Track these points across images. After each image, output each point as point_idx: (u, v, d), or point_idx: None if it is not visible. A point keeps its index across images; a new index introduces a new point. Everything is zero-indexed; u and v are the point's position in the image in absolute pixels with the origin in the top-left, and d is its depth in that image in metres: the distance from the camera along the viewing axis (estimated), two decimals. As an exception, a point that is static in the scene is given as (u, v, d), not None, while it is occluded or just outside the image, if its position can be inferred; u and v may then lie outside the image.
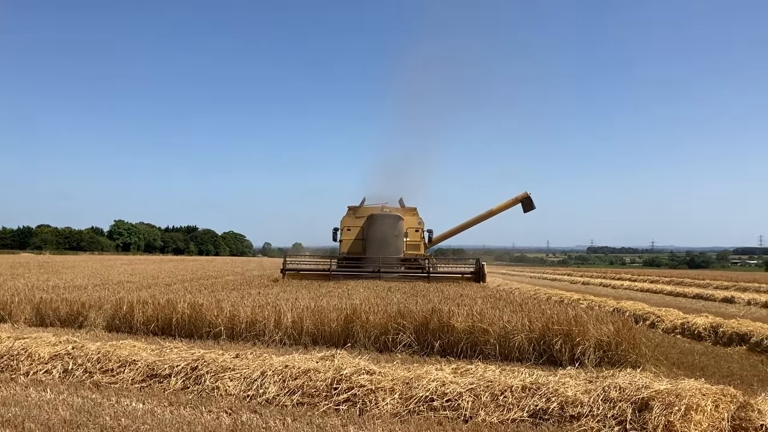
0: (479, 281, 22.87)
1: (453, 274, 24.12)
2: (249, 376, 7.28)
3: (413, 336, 10.10)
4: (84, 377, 7.85)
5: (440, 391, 6.53)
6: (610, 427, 5.79)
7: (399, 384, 6.76)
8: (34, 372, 8.06)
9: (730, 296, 23.37)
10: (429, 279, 22.63)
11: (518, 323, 9.62)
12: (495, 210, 29.51)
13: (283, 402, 6.76)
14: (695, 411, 5.69)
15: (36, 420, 6.00)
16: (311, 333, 10.63)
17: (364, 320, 10.44)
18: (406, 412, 6.35)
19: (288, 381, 7.08)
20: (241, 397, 6.97)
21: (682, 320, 13.81)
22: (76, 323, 12.36)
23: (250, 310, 11.17)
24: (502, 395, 6.39)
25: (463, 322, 9.90)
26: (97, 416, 6.19)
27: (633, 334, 9.19)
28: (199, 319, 11.30)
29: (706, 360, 10.04)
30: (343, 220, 26.95)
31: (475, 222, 29.68)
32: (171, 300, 12.03)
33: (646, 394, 5.99)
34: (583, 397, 6.17)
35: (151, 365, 7.85)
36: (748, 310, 19.35)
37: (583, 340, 9.11)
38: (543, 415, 6.12)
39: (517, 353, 9.38)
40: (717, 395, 5.95)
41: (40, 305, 12.91)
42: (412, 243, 26.44)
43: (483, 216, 29.54)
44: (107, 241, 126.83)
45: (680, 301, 23.45)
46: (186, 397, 7.02)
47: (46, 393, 7.10)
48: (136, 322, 11.72)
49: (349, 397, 6.68)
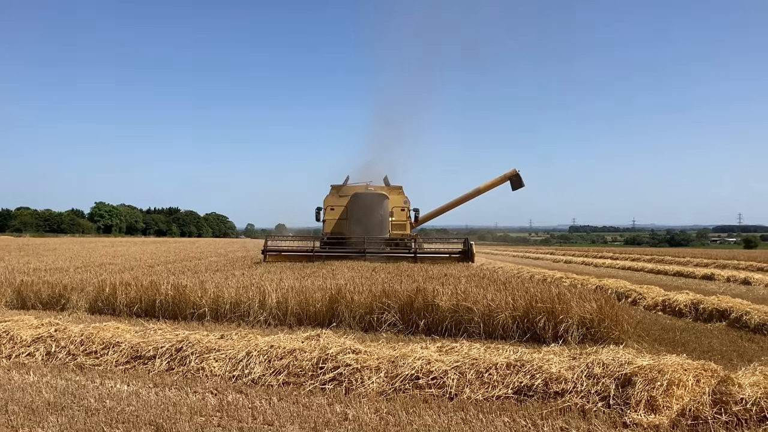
0: (468, 261, 22.50)
1: (440, 254, 23.68)
2: (234, 357, 7.27)
3: (398, 315, 10.12)
4: (67, 359, 7.79)
5: (426, 369, 6.56)
6: (594, 403, 5.86)
7: (384, 363, 6.78)
8: (17, 355, 7.97)
9: (709, 273, 23.67)
10: (416, 259, 22.21)
11: (502, 301, 9.68)
12: (482, 188, 28.74)
13: (269, 382, 6.76)
14: (677, 386, 5.78)
15: (19, 403, 5.96)
16: (296, 313, 10.63)
17: (349, 300, 10.45)
18: (392, 391, 6.38)
19: (273, 361, 7.07)
20: (227, 377, 6.95)
21: (663, 297, 13.96)
22: (58, 306, 12.25)
23: (234, 291, 11.13)
24: (487, 373, 6.43)
25: (447, 301, 9.94)
26: (82, 398, 6.15)
27: (615, 312, 9.28)
28: (183, 300, 11.24)
29: (687, 336, 10.17)
30: (326, 199, 26.18)
31: (463, 200, 28.97)
32: (154, 282, 11.95)
33: (629, 370, 6.06)
34: (567, 374, 6.23)
35: (135, 347, 7.80)
36: (728, 286, 19.61)
37: (567, 317, 9.19)
38: (527, 391, 6.18)
39: (501, 331, 9.45)
40: (698, 370, 6.05)
41: (21, 288, 12.76)
42: (397, 222, 25.85)
43: (470, 194, 28.82)
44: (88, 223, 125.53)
45: (661, 279, 23.73)
46: (171, 379, 7.00)
47: (29, 376, 7.04)
48: (120, 304, 11.64)
49: (335, 376, 6.70)
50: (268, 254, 22.96)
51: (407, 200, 26.55)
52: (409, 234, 26.08)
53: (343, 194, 25.80)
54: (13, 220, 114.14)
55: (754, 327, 10.55)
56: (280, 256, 23.16)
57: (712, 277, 22.82)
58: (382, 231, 24.48)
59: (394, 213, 25.73)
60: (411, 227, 26.79)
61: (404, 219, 26.13)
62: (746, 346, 9.40)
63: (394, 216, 25.66)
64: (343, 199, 25.67)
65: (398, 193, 26.49)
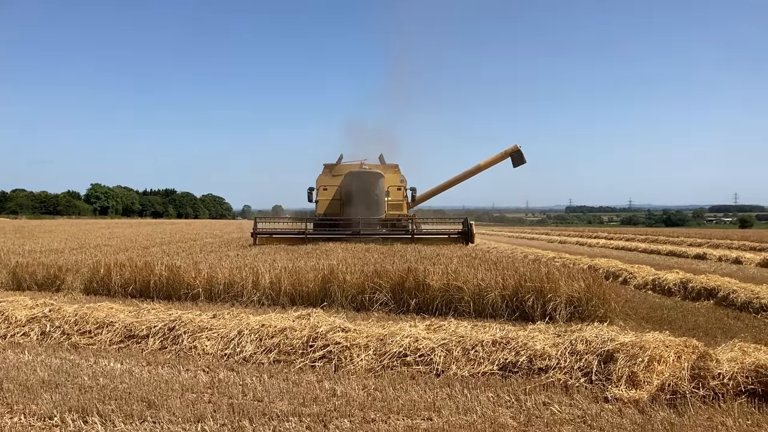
0: (467, 242, 21.85)
1: (440, 235, 22.93)
2: (226, 336, 7.39)
3: (389, 295, 10.25)
4: (62, 339, 7.91)
5: (413, 346, 6.69)
6: (577, 379, 6.00)
7: (373, 340, 6.91)
8: (12, 335, 8.09)
9: (702, 253, 23.85)
10: (413, 240, 21.31)
11: (492, 281, 9.81)
12: (483, 165, 27.56)
13: (260, 360, 6.89)
14: (658, 362, 5.91)
15: (14, 381, 6.07)
16: (289, 293, 10.74)
17: (341, 280, 10.57)
18: (380, 368, 6.51)
19: (265, 339, 7.20)
20: (219, 356, 7.08)
21: (653, 276, 14.12)
22: (53, 287, 12.36)
23: (228, 272, 11.25)
24: (473, 350, 6.56)
25: (438, 280, 10.06)
26: (76, 376, 6.27)
27: (603, 290, 9.43)
28: (177, 281, 11.36)
29: (674, 314, 10.32)
30: (319, 178, 25.15)
31: (463, 178, 27.86)
32: (148, 262, 12.05)
33: (612, 346, 6.20)
34: (551, 351, 6.36)
35: (128, 326, 7.92)
36: (719, 266, 19.78)
37: (555, 296, 9.33)
38: (512, 368, 6.31)
39: (491, 310, 9.59)
40: (680, 347, 6.17)
41: (16, 269, 12.86)
42: (394, 202, 24.80)
43: (470, 172, 27.67)
44: (84, 205, 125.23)
45: (654, 258, 23.91)
46: (164, 357, 7.12)
47: (23, 355, 7.16)
48: (114, 285, 11.75)
49: (324, 354, 6.83)
50: (258, 237, 22.03)
51: (404, 179, 25.63)
52: (406, 214, 25.18)
53: (337, 173, 24.86)
54: (9, 202, 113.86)
55: (740, 305, 10.71)
56: (271, 239, 22.16)
57: (704, 257, 23.01)
58: (377, 211, 23.58)
59: (390, 192, 24.78)
60: (408, 207, 25.83)
61: (401, 198, 25.16)
62: (731, 323, 9.55)
63: (390, 196, 24.72)
64: (336, 178, 24.75)
65: (394, 171, 25.57)
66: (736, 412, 5.14)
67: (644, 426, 4.92)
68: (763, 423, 4.94)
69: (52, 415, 5.14)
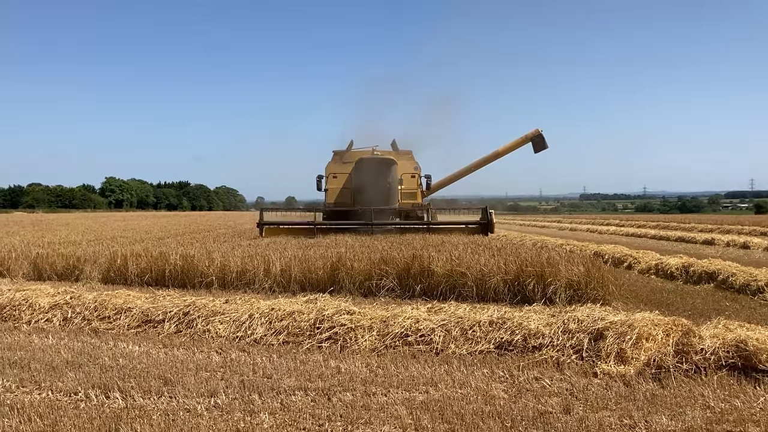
0: (487, 233, 20.09)
1: (457, 224, 21.14)
2: (238, 319, 7.78)
3: (396, 281, 10.60)
4: (83, 324, 8.35)
5: (414, 327, 7.05)
6: (568, 356, 6.33)
7: (377, 322, 7.27)
8: (36, 320, 8.54)
9: (710, 239, 23.98)
10: (429, 231, 19.94)
11: (494, 266, 10.12)
12: (501, 151, 26.04)
13: (270, 341, 7.27)
14: (646, 339, 6.23)
15: (40, 361, 6.50)
16: (299, 280, 11.12)
17: (349, 267, 10.93)
18: (383, 347, 6.87)
19: (274, 322, 7.58)
20: (231, 338, 7.47)
21: (656, 261, 14.36)
22: (72, 277, 12.82)
23: (240, 260, 11.64)
24: (470, 330, 6.91)
25: (442, 266, 10.39)
26: (97, 357, 6.69)
27: (602, 274, 9.72)
28: (191, 269, 11.78)
29: (673, 297, 10.59)
30: (329, 166, 23.82)
31: (481, 165, 26.28)
32: (163, 252, 12.48)
33: (602, 325, 6.53)
34: (544, 330, 6.69)
35: (145, 312, 8.34)
36: (726, 251, 19.94)
37: (555, 280, 9.62)
38: (508, 346, 6.65)
39: (493, 294, 9.90)
40: (668, 325, 6.48)
41: (37, 260, 13.35)
42: (407, 191, 23.29)
43: (489, 158, 26.14)
44: (99, 198, 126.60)
45: (662, 244, 24.03)
46: (179, 340, 7.53)
47: (48, 339, 7.59)
48: (131, 274, 12.19)
49: (330, 335, 7.20)
50: (265, 228, 20.62)
51: (418, 166, 24.09)
52: (421, 203, 23.65)
53: (347, 160, 23.42)
54: (26, 197, 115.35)
55: (739, 288, 10.96)
56: (279, 230, 20.80)
57: (712, 242, 23.18)
58: (390, 200, 22.16)
59: (404, 180, 23.20)
60: (423, 196, 24.25)
61: (415, 187, 23.61)
62: (728, 305, 9.81)
63: (403, 184, 23.15)
64: (346, 165, 23.33)
65: (408, 158, 24.11)
66: (715, 383, 5.47)
67: (628, 397, 5.25)
68: (740, 393, 5.25)
69: (76, 391, 5.54)
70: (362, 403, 5.21)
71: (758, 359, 5.66)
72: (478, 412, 4.94)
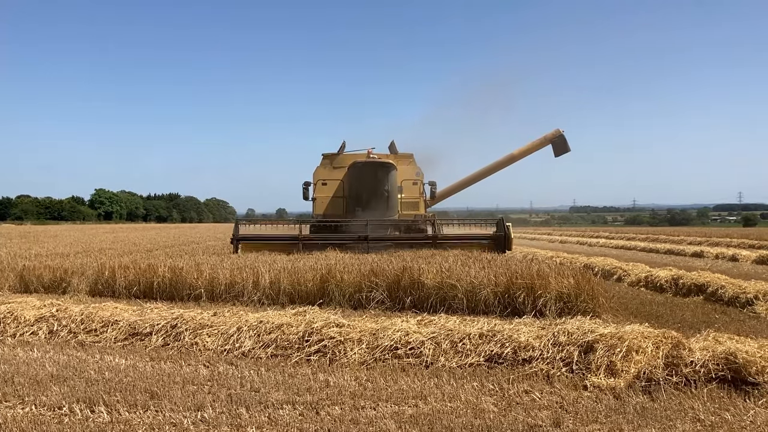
0: (504, 250, 16.62)
1: (469, 240, 17.74)
2: (226, 332, 7.70)
3: (386, 293, 10.54)
4: (69, 337, 8.24)
5: (404, 340, 7.00)
6: (558, 368, 6.30)
7: (366, 335, 7.22)
8: (21, 333, 8.42)
9: (700, 251, 24.11)
10: (436, 246, 16.57)
11: (485, 278, 10.10)
12: (517, 154, 23.95)
13: (258, 354, 7.20)
14: (636, 352, 6.22)
15: (24, 375, 6.41)
16: (288, 293, 11.05)
17: (338, 279, 10.87)
18: (373, 360, 6.82)
19: (263, 335, 7.51)
20: (219, 351, 7.39)
21: (646, 274, 14.39)
22: (59, 289, 12.69)
23: (229, 272, 11.56)
24: (461, 342, 6.87)
25: (432, 278, 10.35)
26: (83, 371, 6.60)
27: (592, 286, 9.71)
28: (180, 282, 11.68)
29: (662, 309, 10.60)
30: (317, 171, 20.37)
31: (494, 170, 24.21)
32: (152, 264, 12.37)
33: (592, 337, 6.51)
34: (534, 342, 6.67)
35: (132, 324, 8.25)
36: (715, 263, 20.01)
37: (545, 292, 9.61)
38: (498, 359, 6.62)
39: (483, 306, 9.86)
40: (658, 338, 6.47)
41: (23, 272, 13.20)
42: (408, 200, 20.07)
43: (503, 162, 24.07)
44: (89, 210, 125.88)
45: (652, 257, 24.14)
46: (166, 353, 7.44)
47: (33, 352, 7.48)
48: (119, 287, 12.06)
49: (319, 348, 7.14)
50: (241, 243, 17.08)
51: (420, 172, 20.75)
52: (424, 214, 20.24)
53: (338, 165, 20.24)
54: (14, 208, 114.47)
55: (728, 300, 11.00)
56: (258, 246, 16.99)
57: (701, 255, 23.29)
58: (389, 211, 19.19)
59: (404, 188, 20.04)
60: (426, 206, 21.01)
61: (417, 196, 20.32)
62: (717, 317, 9.83)
63: (404, 192, 19.99)
64: (338, 171, 20.15)
65: (408, 162, 20.83)
66: (705, 396, 5.46)
67: (618, 410, 5.22)
68: (730, 406, 5.25)
69: (61, 405, 5.46)
70: (351, 417, 5.16)
71: (748, 372, 5.66)
72: (467, 425, 4.91)
